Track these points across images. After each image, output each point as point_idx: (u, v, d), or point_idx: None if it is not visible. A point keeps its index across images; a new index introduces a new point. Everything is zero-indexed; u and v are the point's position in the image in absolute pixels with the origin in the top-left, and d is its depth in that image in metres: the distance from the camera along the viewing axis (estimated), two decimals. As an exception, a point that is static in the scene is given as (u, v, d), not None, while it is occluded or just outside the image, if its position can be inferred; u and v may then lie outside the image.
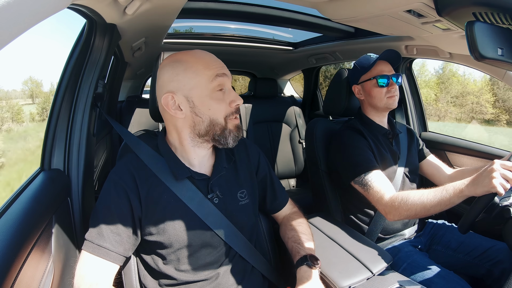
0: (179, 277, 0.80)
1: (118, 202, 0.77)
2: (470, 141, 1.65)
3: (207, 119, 0.78)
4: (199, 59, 0.78)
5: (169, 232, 0.78)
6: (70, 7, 0.79)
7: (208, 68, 0.77)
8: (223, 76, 0.78)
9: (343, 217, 1.35)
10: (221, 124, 0.79)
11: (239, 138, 0.84)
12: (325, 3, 1.09)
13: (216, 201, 0.83)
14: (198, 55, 0.79)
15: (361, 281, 0.87)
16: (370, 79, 1.24)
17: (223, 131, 0.80)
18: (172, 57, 0.81)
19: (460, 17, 0.84)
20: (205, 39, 2.20)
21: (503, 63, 0.73)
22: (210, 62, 0.79)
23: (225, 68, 0.80)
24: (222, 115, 0.79)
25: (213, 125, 0.79)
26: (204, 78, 0.77)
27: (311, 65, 2.67)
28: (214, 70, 0.77)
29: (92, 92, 0.98)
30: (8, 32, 0.33)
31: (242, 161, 0.94)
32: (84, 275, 0.72)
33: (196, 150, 0.83)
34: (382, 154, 1.24)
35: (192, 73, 0.77)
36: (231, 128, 0.81)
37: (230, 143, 0.81)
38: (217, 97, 0.78)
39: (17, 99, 35.92)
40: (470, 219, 0.90)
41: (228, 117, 0.80)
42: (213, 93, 0.78)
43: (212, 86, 0.77)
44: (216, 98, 0.78)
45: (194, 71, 0.77)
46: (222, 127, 0.79)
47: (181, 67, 0.77)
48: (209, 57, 0.80)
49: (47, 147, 0.92)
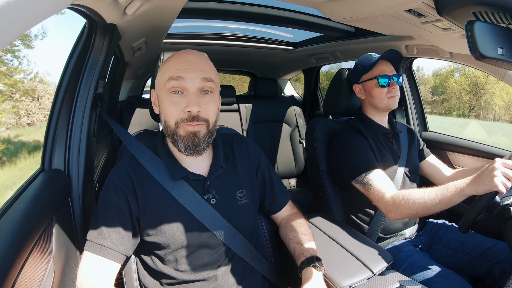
0: (178, 277, 0.80)
1: (117, 202, 0.77)
2: (470, 140, 1.65)
3: (163, 119, 0.81)
4: (169, 60, 0.81)
5: (166, 233, 0.78)
6: (70, 7, 0.79)
7: (167, 69, 0.78)
8: (177, 80, 0.75)
9: (343, 216, 1.35)
10: (172, 128, 0.78)
11: (193, 146, 0.78)
12: (325, 2, 1.09)
13: (213, 201, 0.83)
14: (172, 56, 0.81)
15: (361, 281, 0.87)
16: (371, 78, 1.24)
17: (173, 135, 0.79)
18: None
19: (460, 17, 0.84)
20: (205, 39, 2.20)
21: (503, 62, 0.73)
22: (172, 64, 0.78)
23: (186, 72, 0.76)
24: (172, 119, 0.77)
25: (166, 127, 0.80)
26: (162, 79, 0.79)
27: (311, 64, 2.67)
28: (171, 72, 0.77)
29: (92, 92, 0.98)
30: (8, 32, 0.33)
31: (242, 160, 0.94)
32: (86, 275, 0.72)
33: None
34: (382, 154, 1.24)
35: (160, 73, 0.81)
36: (181, 134, 0.77)
37: (182, 150, 0.79)
38: (170, 100, 0.77)
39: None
40: (471, 218, 0.90)
41: (180, 122, 0.77)
42: (167, 95, 0.78)
43: (166, 88, 0.77)
44: (169, 101, 0.77)
45: (162, 71, 0.80)
46: (172, 131, 0.79)
47: (163, 65, 0.82)
48: (177, 59, 0.79)
49: (47, 147, 0.92)
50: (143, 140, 0.91)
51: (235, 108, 2.58)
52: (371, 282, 0.88)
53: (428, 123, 1.93)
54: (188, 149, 0.79)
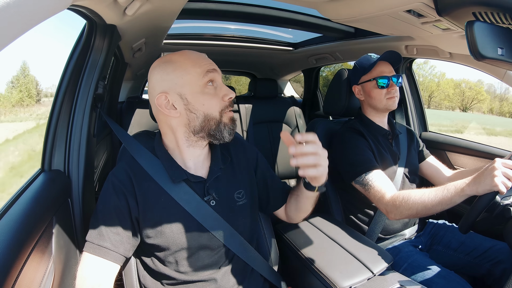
0: (178, 278, 0.80)
1: (117, 203, 0.77)
2: (470, 141, 1.65)
3: (201, 114, 0.79)
4: (187, 58, 0.80)
5: (166, 234, 0.78)
6: (70, 8, 0.78)
7: (197, 65, 0.78)
8: (213, 72, 0.80)
9: (343, 217, 1.35)
10: (216, 118, 0.80)
11: (234, 131, 0.85)
12: (325, 3, 1.09)
13: (213, 203, 0.83)
14: (186, 55, 0.81)
15: (361, 281, 0.87)
16: (370, 80, 1.24)
17: (218, 125, 0.80)
18: (160, 59, 0.82)
19: (460, 17, 0.84)
20: (205, 40, 2.20)
21: (503, 62, 0.73)
22: (198, 59, 0.80)
23: (214, 64, 0.82)
24: (217, 109, 0.80)
25: (208, 120, 0.80)
26: (194, 75, 0.77)
27: (311, 65, 2.67)
28: (204, 66, 0.79)
29: (92, 93, 0.98)
30: (8, 33, 0.33)
31: (240, 161, 0.94)
32: (85, 276, 0.72)
33: (191, 150, 0.84)
34: (382, 155, 1.24)
35: (182, 70, 0.78)
36: (225, 122, 0.82)
37: (226, 137, 0.82)
38: (209, 92, 0.79)
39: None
40: (471, 218, 0.89)
41: (223, 110, 0.81)
42: (205, 89, 0.78)
43: (203, 82, 0.78)
44: (208, 93, 0.79)
45: (184, 69, 0.78)
46: (217, 121, 0.80)
47: (170, 67, 0.78)
48: (197, 55, 0.81)
49: (47, 148, 0.92)
50: (143, 141, 0.90)
51: (235, 109, 2.58)
52: (371, 283, 0.87)
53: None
54: (231, 134, 0.83)
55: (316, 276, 0.92)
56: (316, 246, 1.03)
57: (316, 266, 0.93)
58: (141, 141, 0.90)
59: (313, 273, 0.93)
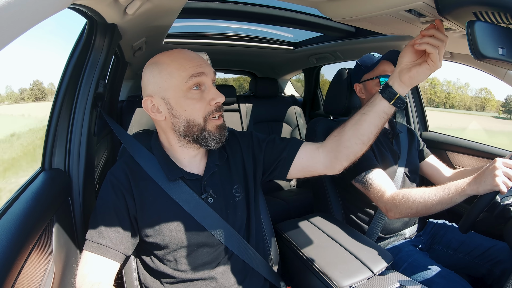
0: (178, 276, 0.80)
1: (116, 202, 0.77)
2: (471, 140, 1.65)
3: (184, 120, 0.77)
4: (174, 60, 0.77)
5: (164, 233, 0.78)
6: (71, 7, 0.79)
7: (182, 68, 0.75)
8: (199, 76, 0.76)
9: (343, 216, 1.35)
10: (199, 125, 0.77)
11: (221, 140, 0.81)
12: (326, 2, 1.09)
13: (210, 201, 0.83)
14: (174, 56, 0.78)
15: (361, 281, 0.87)
16: (373, 78, 1.24)
17: (201, 132, 0.78)
18: (151, 60, 0.80)
19: (460, 17, 0.84)
20: (205, 39, 2.20)
21: (503, 62, 0.73)
22: (185, 62, 0.76)
23: (203, 66, 0.77)
24: (200, 115, 0.77)
25: (191, 126, 0.77)
26: (178, 79, 0.75)
27: (311, 64, 2.67)
28: (190, 70, 0.75)
29: (92, 92, 0.98)
30: (8, 32, 0.33)
31: (235, 155, 0.92)
32: (85, 274, 0.72)
33: (185, 150, 0.83)
34: (382, 154, 1.24)
35: (167, 74, 0.76)
36: (210, 129, 0.78)
37: (211, 145, 0.79)
38: (193, 97, 0.76)
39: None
40: (471, 218, 0.89)
41: (208, 116, 0.78)
42: (188, 93, 0.76)
43: (186, 86, 0.75)
44: (192, 98, 0.76)
45: (169, 72, 0.75)
46: (200, 128, 0.78)
47: (156, 69, 0.77)
48: (185, 57, 0.78)
49: (47, 146, 0.92)
50: (142, 140, 0.91)
51: (236, 108, 2.58)
52: (371, 282, 0.88)
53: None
54: (218, 142, 0.80)
55: (316, 275, 0.92)
56: (316, 245, 1.03)
57: (316, 265, 0.93)
58: (140, 140, 0.90)
59: (313, 272, 0.93)
